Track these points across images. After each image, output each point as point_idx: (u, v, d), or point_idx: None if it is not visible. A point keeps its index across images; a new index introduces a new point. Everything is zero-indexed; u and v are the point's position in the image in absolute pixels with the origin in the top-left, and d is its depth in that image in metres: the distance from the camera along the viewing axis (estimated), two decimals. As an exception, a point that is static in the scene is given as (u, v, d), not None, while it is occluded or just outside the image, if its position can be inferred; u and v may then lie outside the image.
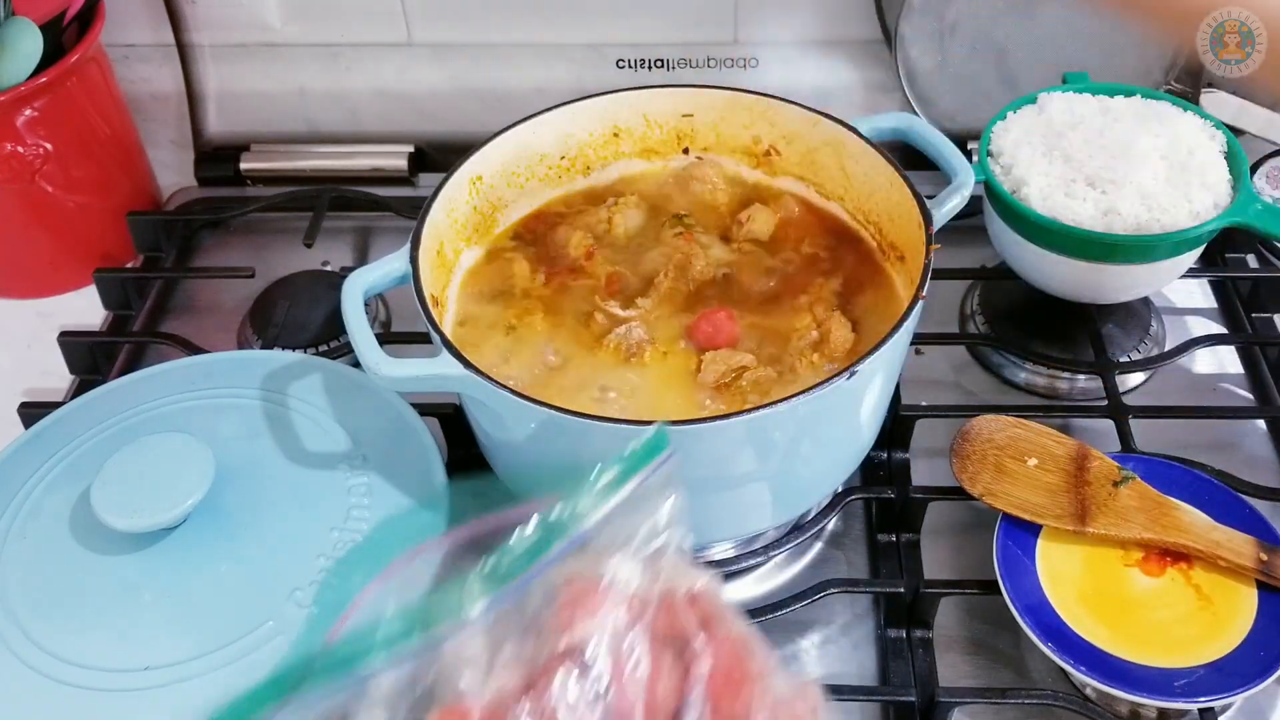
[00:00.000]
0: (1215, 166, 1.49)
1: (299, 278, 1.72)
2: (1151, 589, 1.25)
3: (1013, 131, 1.55)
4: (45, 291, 1.80)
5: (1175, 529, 1.25)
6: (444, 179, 1.36)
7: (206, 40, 1.92)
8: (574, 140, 1.48)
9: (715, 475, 1.20)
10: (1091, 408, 1.52)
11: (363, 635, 0.85)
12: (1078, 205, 1.46)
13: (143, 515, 1.20)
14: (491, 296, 1.39)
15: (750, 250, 1.43)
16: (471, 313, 1.38)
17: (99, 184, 1.79)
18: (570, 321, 1.35)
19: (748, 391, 1.26)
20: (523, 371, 1.31)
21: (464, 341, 1.32)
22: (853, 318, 1.33)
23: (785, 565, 1.40)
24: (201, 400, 1.40)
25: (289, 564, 1.22)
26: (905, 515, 1.39)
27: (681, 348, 1.32)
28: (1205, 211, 1.45)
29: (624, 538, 0.93)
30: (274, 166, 1.96)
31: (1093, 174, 1.48)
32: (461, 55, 1.92)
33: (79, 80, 1.70)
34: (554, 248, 1.44)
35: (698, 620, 0.92)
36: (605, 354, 1.31)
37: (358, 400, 1.38)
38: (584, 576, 0.90)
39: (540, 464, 1.25)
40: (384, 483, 1.29)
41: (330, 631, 0.97)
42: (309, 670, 0.83)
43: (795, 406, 1.11)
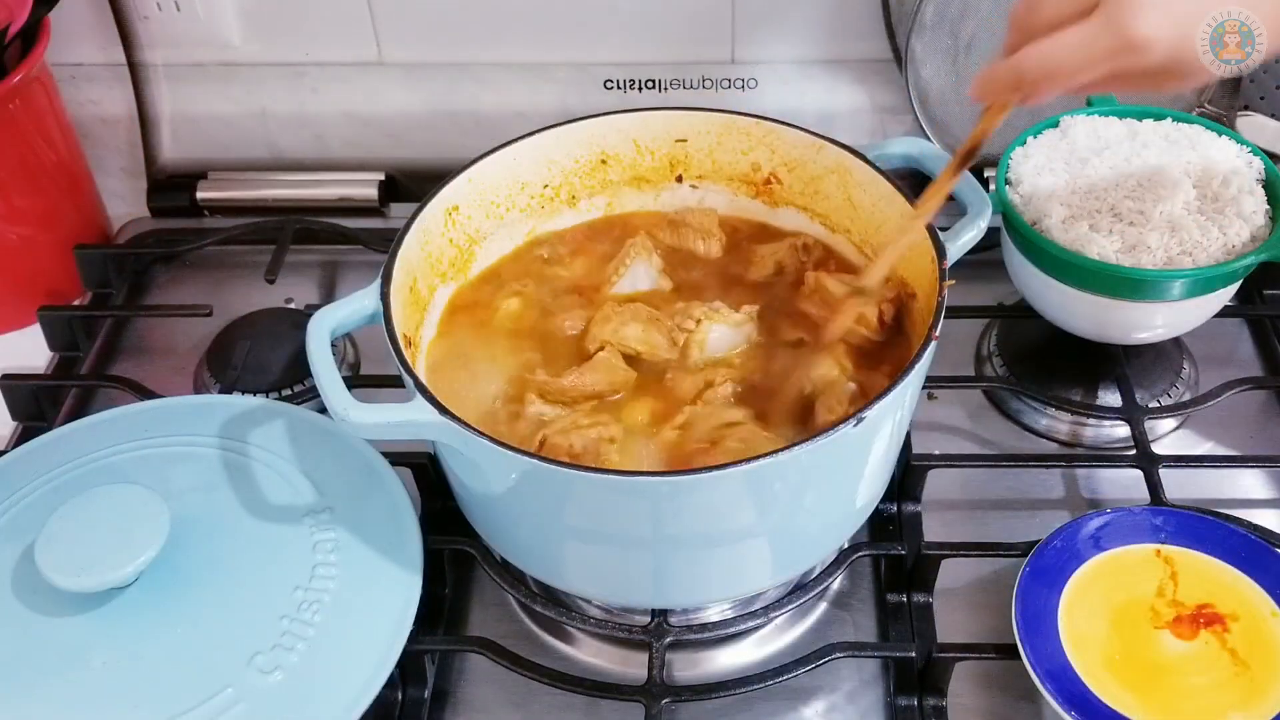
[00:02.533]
0: (1252, 196, 1.49)
1: (260, 316, 1.72)
2: (1184, 653, 1.25)
3: (1033, 158, 1.55)
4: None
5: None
6: (417, 209, 1.37)
7: (160, 59, 1.93)
8: (558, 168, 1.49)
9: (712, 530, 1.20)
10: (1118, 457, 1.52)
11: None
12: (1102, 238, 1.45)
13: (91, 574, 1.20)
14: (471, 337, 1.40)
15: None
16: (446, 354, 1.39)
17: (44, 215, 1.79)
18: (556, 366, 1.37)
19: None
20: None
21: (439, 385, 1.33)
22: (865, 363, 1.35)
23: (787, 627, 1.40)
24: (155, 449, 1.40)
25: (250, 626, 1.22)
26: (917, 573, 1.39)
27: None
28: (1240, 245, 1.45)
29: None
30: (233, 196, 1.96)
31: (1118, 204, 1.48)
32: (436, 76, 1.93)
33: (22, 102, 1.70)
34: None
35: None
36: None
37: (324, 449, 1.39)
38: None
39: (521, 518, 1.26)
40: (352, 538, 1.30)
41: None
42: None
43: (797, 456, 1.12)
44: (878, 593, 1.43)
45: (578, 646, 1.39)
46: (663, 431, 1.29)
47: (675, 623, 1.33)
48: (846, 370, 1.33)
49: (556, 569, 1.32)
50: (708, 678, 1.34)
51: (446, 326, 1.43)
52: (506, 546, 1.33)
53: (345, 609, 1.24)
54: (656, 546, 1.23)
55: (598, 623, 1.35)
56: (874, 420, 1.15)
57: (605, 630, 1.35)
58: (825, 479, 1.22)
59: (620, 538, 1.22)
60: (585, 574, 1.31)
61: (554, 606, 1.34)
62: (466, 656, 1.37)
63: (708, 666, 1.37)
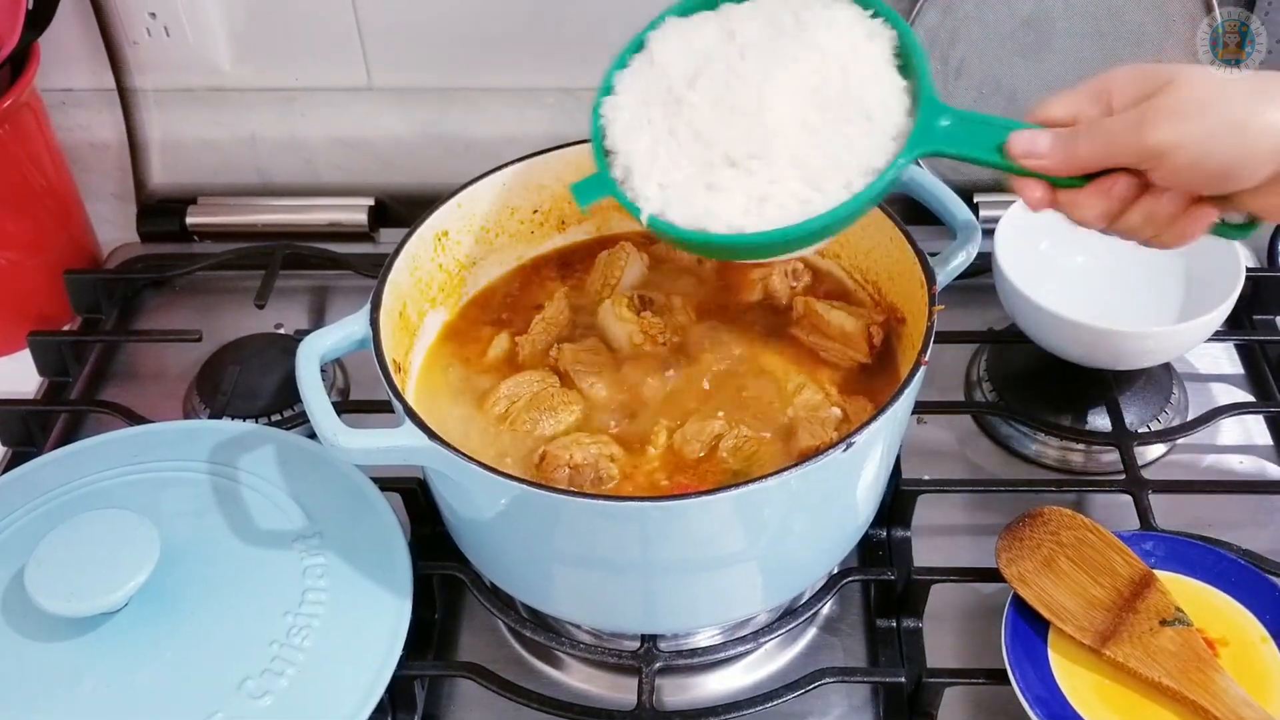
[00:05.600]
0: (881, 81, 1.18)
1: (250, 341, 1.73)
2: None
3: (625, 109, 1.25)
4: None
5: (1203, 689, 1.22)
6: (407, 235, 1.38)
7: (150, 84, 1.94)
8: (548, 192, 1.50)
9: (700, 555, 1.21)
10: (1107, 482, 1.53)
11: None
12: (724, 200, 1.18)
13: (81, 599, 1.20)
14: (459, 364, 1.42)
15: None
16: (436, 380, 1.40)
17: (33, 240, 1.80)
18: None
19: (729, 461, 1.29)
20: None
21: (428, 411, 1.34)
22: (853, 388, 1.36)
23: (776, 653, 1.41)
24: (145, 474, 1.41)
25: (239, 651, 1.23)
26: (906, 598, 1.40)
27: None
28: (884, 156, 1.16)
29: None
30: (223, 221, 1.97)
31: (731, 148, 1.18)
32: (426, 100, 1.94)
33: (11, 128, 1.71)
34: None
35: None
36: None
37: (313, 474, 1.39)
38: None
39: (511, 543, 1.26)
40: (342, 563, 1.31)
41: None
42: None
43: (787, 481, 1.12)
44: (867, 618, 1.43)
45: (567, 672, 1.39)
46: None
47: (665, 648, 1.33)
48: (831, 396, 1.33)
49: (546, 594, 1.33)
50: (697, 703, 1.35)
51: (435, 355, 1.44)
52: (496, 571, 1.34)
53: (335, 634, 1.25)
54: (646, 571, 1.24)
55: (587, 648, 1.35)
56: (864, 445, 1.16)
57: (595, 655, 1.36)
58: (815, 504, 1.23)
59: (610, 562, 1.23)
60: (575, 599, 1.32)
61: (543, 631, 1.35)
62: (456, 681, 1.38)
63: (697, 692, 1.38)
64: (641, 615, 1.32)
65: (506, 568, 1.32)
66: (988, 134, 1.13)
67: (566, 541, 1.21)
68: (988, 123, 1.13)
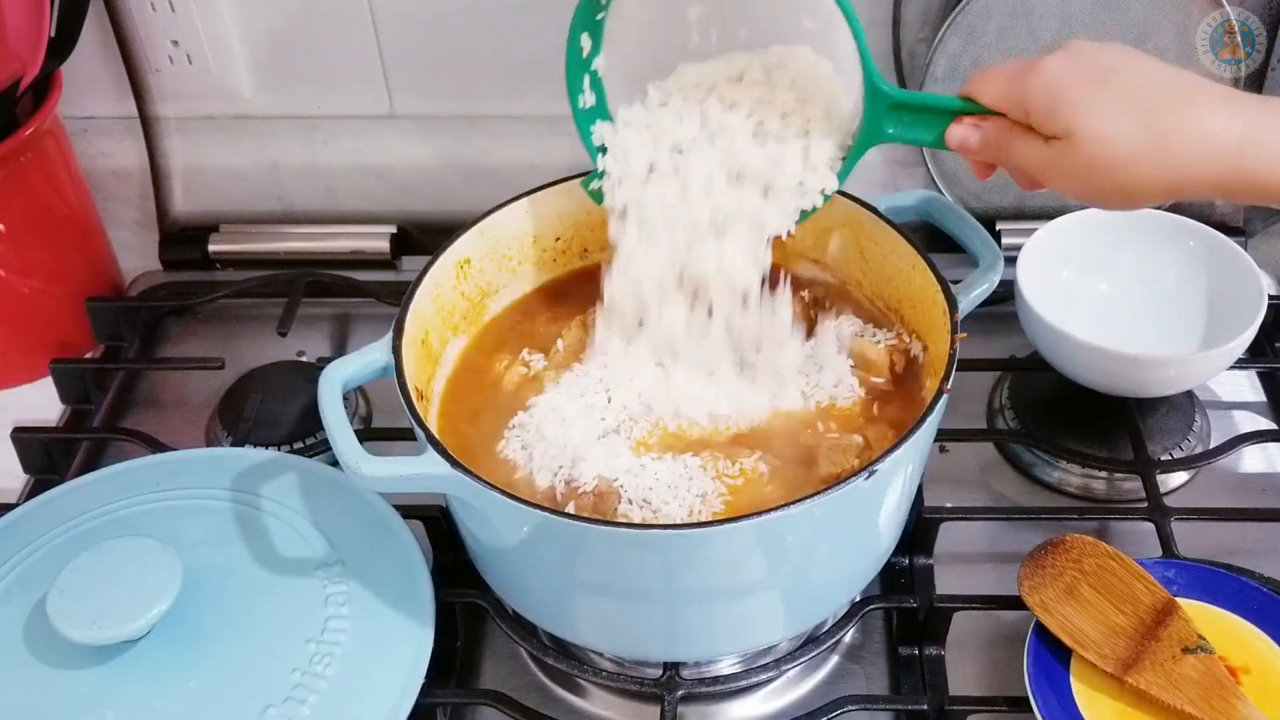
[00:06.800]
0: (815, 81, 1.33)
1: (272, 369, 1.74)
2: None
3: (624, 133, 1.40)
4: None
5: (1226, 716, 1.22)
6: (429, 262, 1.39)
7: (172, 112, 1.94)
8: (570, 220, 1.51)
9: (723, 583, 1.21)
10: (1130, 509, 1.53)
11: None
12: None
13: (103, 627, 1.21)
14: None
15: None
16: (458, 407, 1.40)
17: (55, 267, 1.81)
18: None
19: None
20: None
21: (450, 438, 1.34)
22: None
23: (798, 681, 1.41)
24: (167, 502, 1.42)
25: (262, 679, 1.23)
26: (929, 626, 1.40)
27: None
28: (823, 153, 1.33)
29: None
30: (245, 248, 1.98)
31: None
32: (448, 128, 1.94)
33: (34, 155, 1.72)
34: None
35: None
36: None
37: (336, 502, 1.40)
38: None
39: (533, 571, 1.27)
40: (364, 591, 1.31)
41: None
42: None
43: (809, 509, 1.13)
44: (890, 645, 1.43)
45: (589, 699, 1.39)
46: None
47: (687, 676, 1.33)
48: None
49: (568, 622, 1.33)
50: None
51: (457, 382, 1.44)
52: (518, 599, 1.34)
53: (357, 662, 1.25)
54: (668, 599, 1.24)
55: (609, 675, 1.35)
56: (886, 473, 1.16)
57: (617, 683, 1.36)
58: (837, 532, 1.23)
59: (632, 590, 1.23)
60: (597, 627, 1.32)
61: (566, 659, 1.35)
62: (478, 709, 1.38)
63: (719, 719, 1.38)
64: (664, 643, 1.32)
65: (529, 595, 1.32)
66: (930, 123, 1.24)
67: (589, 569, 1.22)
68: (930, 108, 1.23)
